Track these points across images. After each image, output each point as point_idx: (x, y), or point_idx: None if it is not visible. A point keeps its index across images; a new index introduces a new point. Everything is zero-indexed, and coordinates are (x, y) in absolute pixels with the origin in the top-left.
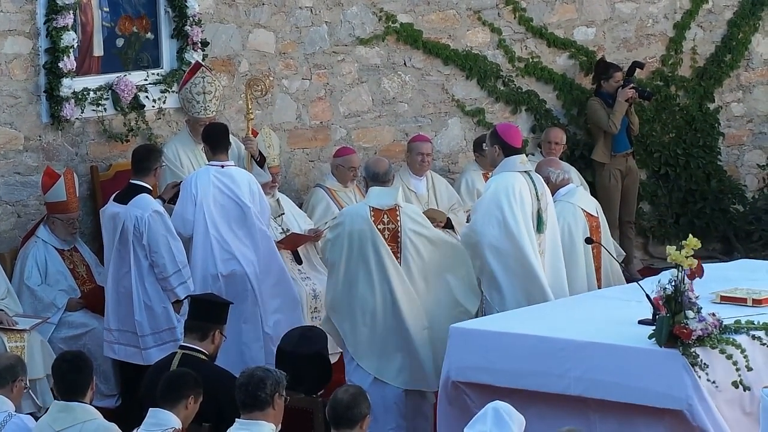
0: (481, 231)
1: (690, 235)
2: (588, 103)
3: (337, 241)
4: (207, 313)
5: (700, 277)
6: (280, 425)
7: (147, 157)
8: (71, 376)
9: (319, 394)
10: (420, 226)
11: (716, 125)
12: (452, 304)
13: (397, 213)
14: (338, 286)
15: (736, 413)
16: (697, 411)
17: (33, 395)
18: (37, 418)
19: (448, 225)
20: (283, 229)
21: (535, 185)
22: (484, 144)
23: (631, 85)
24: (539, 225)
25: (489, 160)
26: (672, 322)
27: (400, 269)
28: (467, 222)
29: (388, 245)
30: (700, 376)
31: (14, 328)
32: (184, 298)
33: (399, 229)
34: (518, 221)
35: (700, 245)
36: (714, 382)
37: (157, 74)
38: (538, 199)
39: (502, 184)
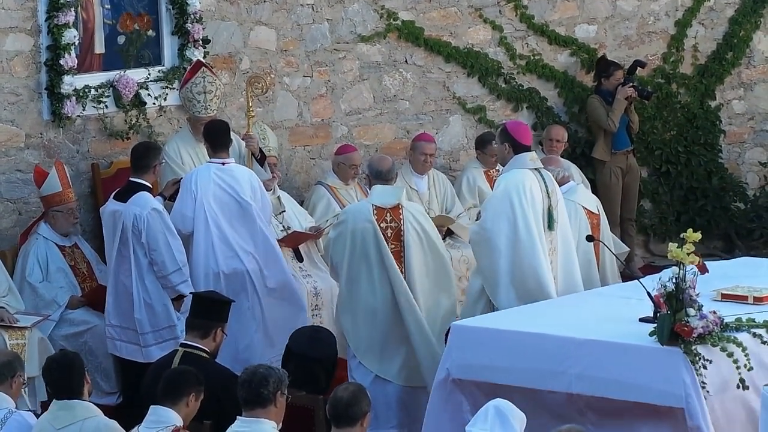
0: (491, 228)
1: (690, 229)
2: (588, 100)
3: (340, 239)
4: (209, 310)
5: (706, 273)
6: (281, 423)
7: (145, 155)
8: (62, 380)
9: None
10: (423, 224)
11: (717, 123)
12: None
13: (400, 212)
14: (341, 285)
15: (736, 411)
16: (696, 409)
17: (24, 395)
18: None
19: (448, 232)
20: (284, 226)
21: (545, 182)
22: (494, 141)
23: (631, 83)
24: (550, 222)
25: (498, 157)
26: (673, 320)
27: (402, 267)
28: (476, 219)
29: (391, 243)
30: (700, 374)
31: (15, 325)
32: (187, 295)
33: (402, 227)
34: (529, 219)
35: (700, 237)
36: (715, 380)
37: (159, 71)
38: (548, 197)
39: (513, 181)
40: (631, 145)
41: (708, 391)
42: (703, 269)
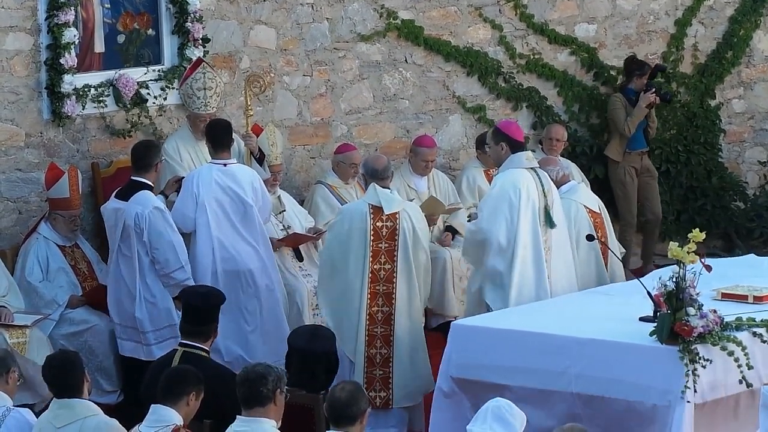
0: (488, 228)
1: (696, 229)
2: (610, 98)
3: (337, 238)
4: (200, 318)
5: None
6: (280, 422)
7: (146, 154)
8: (62, 379)
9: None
10: (417, 225)
11: (717, 122)
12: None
13: (397, 213)
14: (336, 285)
15: (735, 410)
16: (695, 408)
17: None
18: (36, 413)
19: (450, 229)
20: (284, 225)
21: (541, 181)
22: (486, 145)
23: (653, 89)
24: (547, 221)
25: (494, 158)
26: (673, 319)
27: (394, 265)
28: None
29: (385, 242)
30: (699, 375)
31: (16, 324)
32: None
33: (397, 227)
34: (525, 218)
35: (704, 237)
36: (714, 379)
37: (158, 71)
38: (545, 196)
39: (509, 181)
40: (646, 146)
41: (707, 390)
42: (708, 268)
